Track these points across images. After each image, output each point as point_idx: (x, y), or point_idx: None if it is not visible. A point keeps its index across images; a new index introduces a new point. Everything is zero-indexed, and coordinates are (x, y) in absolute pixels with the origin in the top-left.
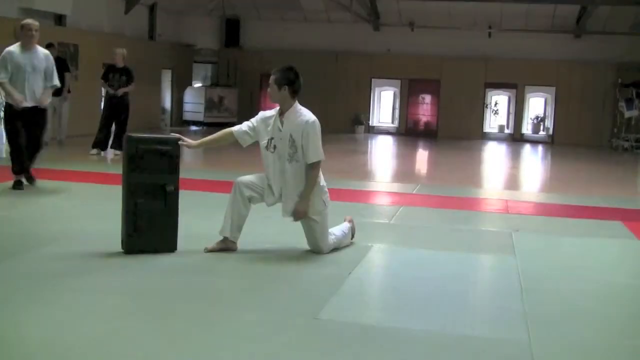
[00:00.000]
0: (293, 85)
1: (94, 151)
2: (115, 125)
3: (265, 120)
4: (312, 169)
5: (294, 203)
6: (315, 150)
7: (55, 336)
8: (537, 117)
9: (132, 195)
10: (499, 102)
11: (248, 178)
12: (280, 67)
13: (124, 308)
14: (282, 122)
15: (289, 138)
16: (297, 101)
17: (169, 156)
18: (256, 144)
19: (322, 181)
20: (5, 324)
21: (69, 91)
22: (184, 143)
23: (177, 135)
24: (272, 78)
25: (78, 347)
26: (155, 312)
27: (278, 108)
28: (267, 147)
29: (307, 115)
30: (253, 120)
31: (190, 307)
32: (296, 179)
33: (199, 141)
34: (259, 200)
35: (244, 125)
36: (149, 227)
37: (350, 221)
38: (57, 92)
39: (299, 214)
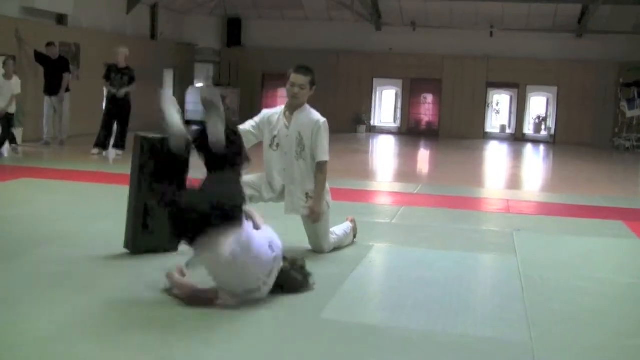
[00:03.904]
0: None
1: (96, 151)
2: (117, 125)
3: (269, 118)
4: (320, 171)
5: (299, 201)
6: (324, 150)
7: (55, 336)
8: (538, 117)
9: (142, 196)
10: (501, 101)
11: (248, 177)
12: (303, 66)
13: (125, 308)
14: (289, 120)
15: (296, 136)
16: None
17: (181, 158)
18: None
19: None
20: (5, 324)
21: (67, 90)
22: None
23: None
24: (304, 79)
25: (78, 346)
26: (156, 312)
27: (284, 106)
28: (270, 145)
29: (317, 115)
30: (256, 118)
31: (190, 307)
32: (303, 176)
33: None
34: (259, 199)
35: (248, 125)
36: (158, 227)
37: (352, 221)
38: (54, 92)
39: (315, 215)
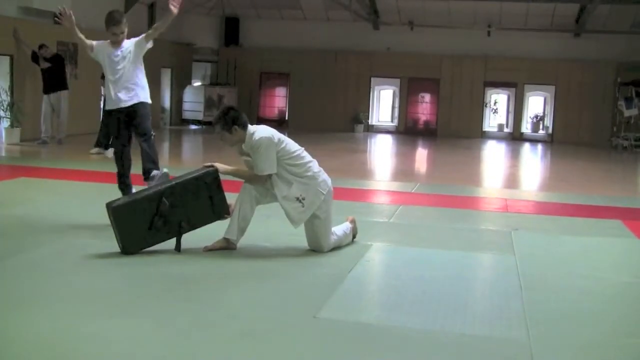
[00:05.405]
0: (239, 120)
1: (95, 150)
2: None
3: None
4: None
5: (298, 208)
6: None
7: (53, 335)
8: (536, 116)
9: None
10: (499, 100)
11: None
12: (217, 115)
13: (123, 307)
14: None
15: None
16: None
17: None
18: None
19: (313, 170)
20: (3, 323)
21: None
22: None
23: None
24: (217, 130)
25: (77, 346)
26: (155, 311)
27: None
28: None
29: (254, 134)
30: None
31: (190, 306)
32: (280, 186)
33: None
34: (263, 201)
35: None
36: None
37: (352, 221)
38: (53, 90)
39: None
